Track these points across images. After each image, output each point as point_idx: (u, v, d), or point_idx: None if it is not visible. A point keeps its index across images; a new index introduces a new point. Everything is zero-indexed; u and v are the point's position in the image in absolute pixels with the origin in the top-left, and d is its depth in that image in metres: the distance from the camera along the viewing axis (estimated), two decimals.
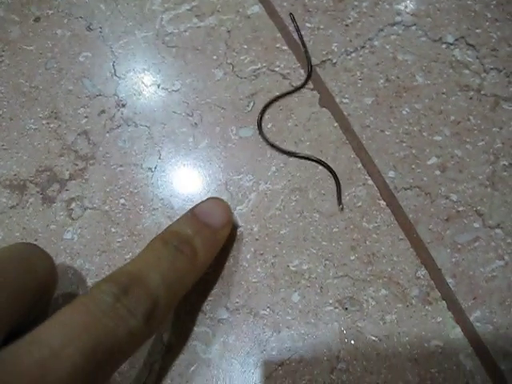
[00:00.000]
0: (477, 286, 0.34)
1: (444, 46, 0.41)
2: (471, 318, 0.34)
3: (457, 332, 0.33)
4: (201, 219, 0.33)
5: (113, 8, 0.47)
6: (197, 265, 0.31)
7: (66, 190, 0.41)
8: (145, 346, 0.35)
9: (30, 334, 0.24)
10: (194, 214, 0.33)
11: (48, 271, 0.32)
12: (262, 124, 0.41)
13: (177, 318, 0.36)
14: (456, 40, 0.42)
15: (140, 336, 0.27)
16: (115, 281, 0.27)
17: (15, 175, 0.42)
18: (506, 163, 0.37)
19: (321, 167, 0.39)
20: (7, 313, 0.27)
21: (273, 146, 0.40)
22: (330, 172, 0.38)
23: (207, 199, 0.35)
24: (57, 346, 0.24)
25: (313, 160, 0.39)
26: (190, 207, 0.37)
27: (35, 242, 0.39)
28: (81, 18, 0.47)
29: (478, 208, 0.36)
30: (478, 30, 0.42)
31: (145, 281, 0.28)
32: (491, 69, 0.40)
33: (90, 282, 0.37)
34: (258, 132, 0.41)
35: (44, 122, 0.43)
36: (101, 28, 0.47)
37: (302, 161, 0.39)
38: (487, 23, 0.42)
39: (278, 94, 0.42)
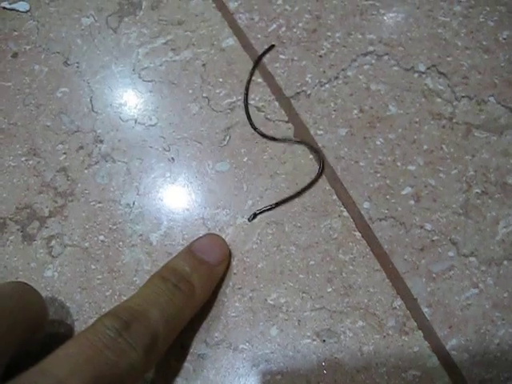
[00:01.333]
0: (452, 315, 0.35)
1: (416, 74, 0.42)
2: (447, 347, 0.34)
3: (434, 361, 0.34)
4: (198, 256, 0.35)
5: (89, 43, 0.48)
6: (194, 301, 0.33)
7: (46, 227, 0.41)
8: None
9: (37, 365, 0.26)
10: (191, 251, 0.35)
11: (39, 308, 0.33)
12: (238, 157, 0.41)
13: None
14: (428, 68, 0.42)
15: (140, 369, 0.28)
16: (117, 316, 0.29)
17: None
18: (479, 191, 0.38)
19: (297, 200, 0.39)
20: (6, 347, 0.29)
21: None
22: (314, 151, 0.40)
23: (204, 235, 0.37)
24: (62, 376, 0.25)
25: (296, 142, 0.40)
26: (169, 243, 0.37)
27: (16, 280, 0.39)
28: (58, 53, 0.48)
29: (452, 237, 0.37)
30: (449, 59, 0.42)
31: (145, 316, 0.29)
32: (462, 97, 0.41)
33: (70, 320, 0.38)
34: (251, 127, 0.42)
35: (23, 158, 0.44)
36: (78, 63, 0.47)
37: (278, 194, 0.39)
38: (458, 51, 0.42)
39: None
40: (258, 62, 0.44)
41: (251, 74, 0.44)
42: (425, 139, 0.40)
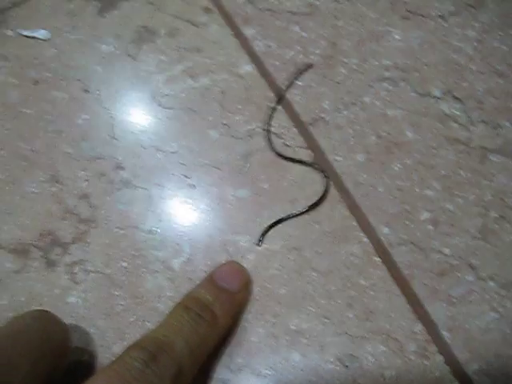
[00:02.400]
0: (473, 340, 0.35)
1: (432, 100, 0.43)
2: (469, 372, 0.34)
3: None
4: (219, 284, 0.35)
5: (109, 70, 0.49)
6: (217, 329, 0.33)
7: (69, 253, 0.41)
8: None
9: None
10: (212, 279, 0.35)
11: (63, 337, 0.34)
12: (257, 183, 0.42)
13: None
14: (443, 94, 0.43)
15: None
16: (144, 347, 0.29)
17: (19, 239, 0.42)
18: (497, 215, 0.38)
19: (317, 226, 0.40)
20: (32, 381, 0.29)
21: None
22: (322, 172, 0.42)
23: (225, 263, 0.38)
24: None
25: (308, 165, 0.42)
26: (191, 269, 0.38)
27: (40, 307, 0.40)
28: (78, 80, 0.49)
29: (471, 261, 0.37)
30: (464, 84, 0.43)
31: (170, 347, 0.30)
32: (478, 121, 0.41)
33: (93, 347, 0.38)
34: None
35: (45, 185, 0.44)
36: (98, 90, 0.48)
37: (299, 220, 0.40)
38: (472, 76, 0.43)
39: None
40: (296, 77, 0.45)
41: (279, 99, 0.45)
42: (442, 164, 0.40)
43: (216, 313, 0.33)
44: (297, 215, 0.40)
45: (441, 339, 0.35)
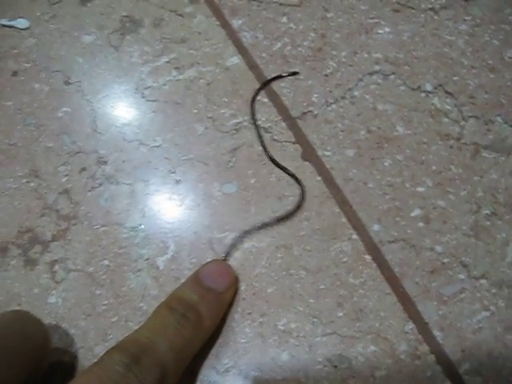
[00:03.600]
0: (464, 339, 0.34)
1: (423, 94, 0.42)
2: (460, 371, 0.34)
3: None
4: (205, 284, 0.34)
5: (91, 61, 0.47)
6: (203, 330, 0.32)
7: (49, 251, 0.40)
8: None
9: None
10: (197, 279, 0.34)
11: (42, 338, 0.33)
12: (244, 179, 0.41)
13: None
14: (434, 88, 0.42)
15: None
16: (126, 349, 0.28)
17: None
18: (489, 212, 0.38)
19: (306, 223, 0.39)
20: (9, 381, 0.28)
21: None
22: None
23: (210, 262, 0.36)
24: None
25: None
26: (176, 268, 0.37)
27: (19, 307, 0.39)
28: (58, 71, 0.47)
29: (463, 259, 0.37)
30: (455, 78, 0.42)
31: (153, 349, 0.29)
32: (470, 116, 0.41)
33: (74, 348, 0.37)
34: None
35: (24, 180, 0.43)
36: (79, 82, 0.46)
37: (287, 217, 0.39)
38: (464, 70, 0.42)
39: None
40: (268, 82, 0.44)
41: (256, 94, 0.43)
42: (433, 160, 0.40)
43: (202, 313, 0.32)
44: (263, 227, 0.39)
45: (432, 338, 0.35)
